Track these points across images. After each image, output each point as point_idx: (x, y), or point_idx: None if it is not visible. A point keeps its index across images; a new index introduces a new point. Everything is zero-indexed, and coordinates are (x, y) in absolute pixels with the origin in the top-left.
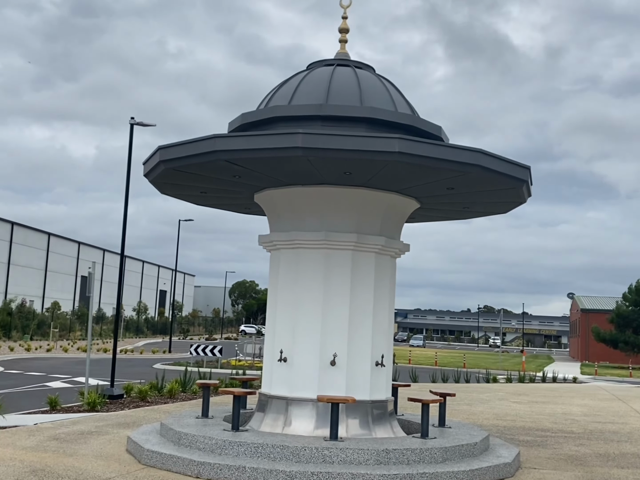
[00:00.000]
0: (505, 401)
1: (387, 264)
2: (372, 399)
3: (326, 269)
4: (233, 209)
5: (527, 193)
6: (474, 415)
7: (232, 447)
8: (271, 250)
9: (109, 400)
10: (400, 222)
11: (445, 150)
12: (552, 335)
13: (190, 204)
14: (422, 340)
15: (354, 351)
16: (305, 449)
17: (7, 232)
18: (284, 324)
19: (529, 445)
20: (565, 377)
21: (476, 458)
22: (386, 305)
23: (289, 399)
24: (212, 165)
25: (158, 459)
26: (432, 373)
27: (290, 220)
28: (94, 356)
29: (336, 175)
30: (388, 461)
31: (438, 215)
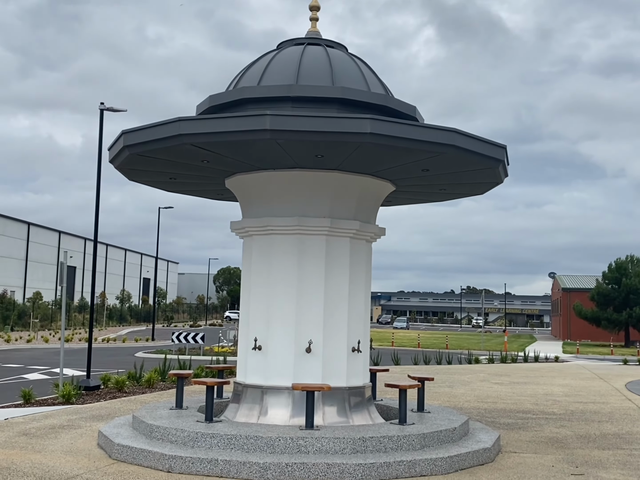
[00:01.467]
0: (487, 382)
1: (362, 249)
2: (349, 386)
3: (300, 255)
4: (205, 195)
5: (504, 173)
6: (455, 397)
7: (204, 440)
8: (244, 236)
9: (85, 392)
10: (375, 205)
11: (418, 130)
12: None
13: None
14: (405, 323)
15: (329, 337)
16: (280, 439)
17: None
18: (258, 312)
19: (509, 428)
20: (547, 357)
21: (455, 444)
22: (362, 289)
23: (264, 387)
24: (178, 150)
25: (129, 454)
26: (414, 355)
27: (262, 205)
28: (76, 346)
29: (308, 159)
30: (365, 449)
31: (415, 197)
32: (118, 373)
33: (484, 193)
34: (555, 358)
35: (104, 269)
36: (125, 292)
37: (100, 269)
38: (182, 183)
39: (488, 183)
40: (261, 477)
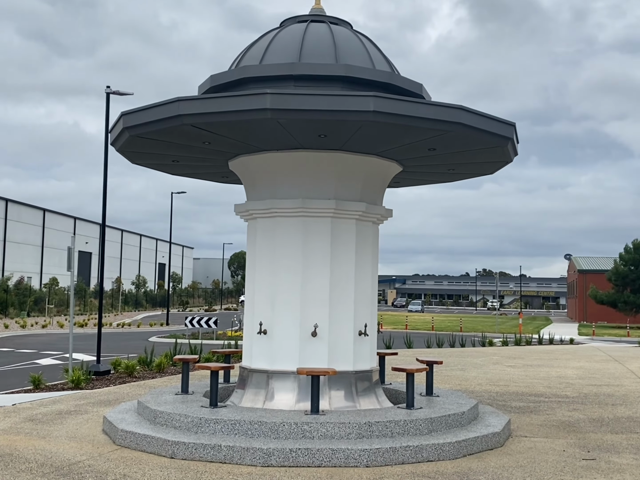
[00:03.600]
0: (500, 365)
1: (368, 231)
2: (356, 370)
3: (305, 238)
4: (209, 178)
5: (513, 152)
6: (467, 381)
7: (208, 425)
8: (248, 219)
9: (95, 377)
10: (381, 186)
11: (423, 107)
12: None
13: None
14: (420, 306)
15: (335, 321)
16: (284, 425)
17: (2, 209)
18: (263, 296)
19: (521, 411)
20: (562, 339)
21: (464, 428)
22: (369, 273)
23: (270, 372)
24: (179, 131)
25: (132, 440)
26: (427, 338)
27: (266, 187)
28: (90, 331)
29: (311, 139)
30: (371, 434)
31: (423, 178)
32: (128, 358)
33: (493, 173)
34: (570, 340)
35: (120, 254)
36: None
37: (116, 254)
38: (186, 166)
39: (497, 162)
40: (265, 463)
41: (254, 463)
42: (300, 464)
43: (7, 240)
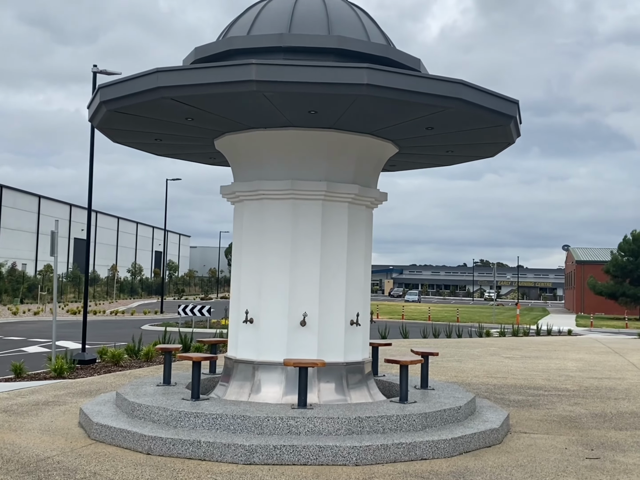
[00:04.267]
0: (497, 356)
1: (361, 215)
2: (347, 361)
3: (294, 221)
4: (196, 159)
5: (516, 132)
6: (464, 372)
7: (188, 419)
8: (235, 202)
9: (79, 366)
10: (376, 168)
11: (420, 81)
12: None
13: (197, 163)
14: (417, 296)
15: (326, 310)
16: (269, 419)
17: None
18: (250, 282)
19: (520, 405)
20: (560, 330)
21: (460, 424)
22: (361, 259)
23: (256, 363)
24: (158, 105)
25: (107, 434)
26: (423, 328)
27: (253, 168)
28: None
29: (301, 116)
30: (361, 430)
31: (420, 161)
32: (115, 346)
33: (494, 155)
34: (568, 332)
35: (116, 242)
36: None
37: (112, 242)
38: (170, 145)
39: (499, 143)
40: (247, 461)
41: (235, 460)
42: (284, 461)
43: (1, 227)
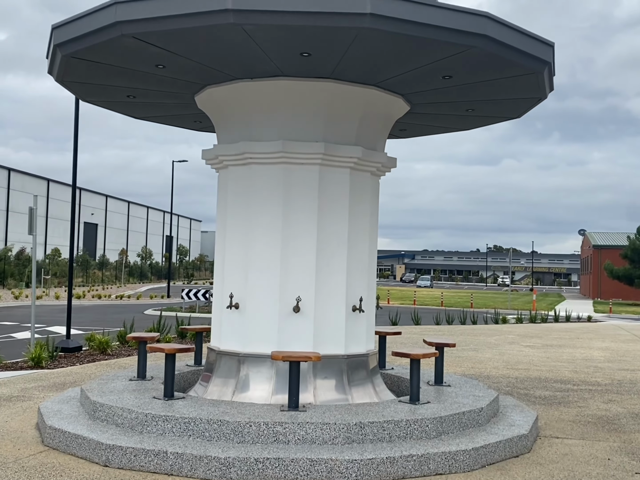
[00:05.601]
0: (516, 345)
1: (366, 184)
2: (348, 353)
3: (286, 191)
4: (179, 123)
5: (549, 84)
6: (481, 363)
7: (156, 424)
8: (219, 168)
9: (63, 354)
10: (383, 128)
11: (436, 12)
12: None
13: (182, 128)
14: (429, 281)
15: (323, 293)
16: (251, 425)
17: (4, 178)
18: (235, 262)
19: (547, 402)
20: (580, 316)
21: (482, 429)
22: (366, 235)
23: (242, 355)
24: (120, 47)
25: (61, 440)
26: (436, 314)
27: (239, 128)
28: (87, 303)
29: (292, 61)
30: (363, 439)
31: (435, 124)
32: (104, 332)
33: (520, 116)
34: (587, 318)
35: (126, 226)
36: (147, 250)
37: (122, 226)
38: (146, 105)
39: (527, 99)
40: (222, 476)
41: (208, 476)
42: (268, 477)
43: (10, 211)
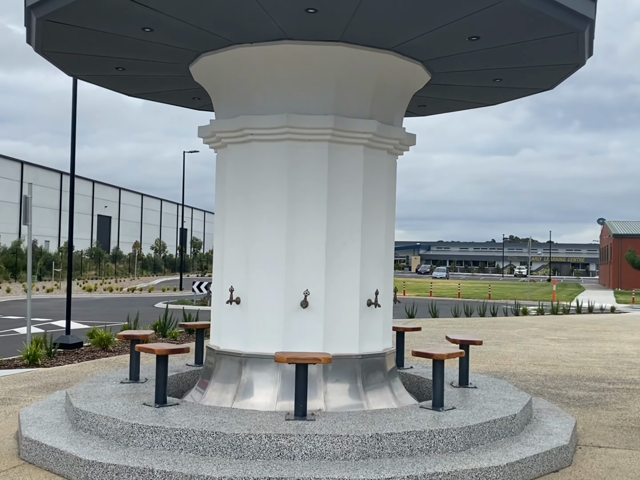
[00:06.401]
0: (541, 338)
1: (382, 163)
2: (363, 353)
3: (291, 171)
4: (176, 100)
5: (589, 48)
6: (505, 359)
7: (143, 435)
8: (217, 148)
9: (62, 351)
10: (401, 100)
11: None
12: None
13: (181, 107)
14: (445, 272)
15: (334, 286)
16: (251, 438)
17: (18, 171)
18: (235, 252)
19: (582, 404)
20: (602, 307)
21: (515, 439)
22: (382, 222)
23: (244, 355)
24: (101, 6)
25: (37, 453)
26: (454, 306)
27: (238, 100)
28: (98, 296)
29: (297, 21)
30: (380, 453)
31: (459, 97)
32: (106, 328)
33: (553, 87)
34: (611, 309)
35: (140, 219)
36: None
37: (136, 219)
38: (138, 80)
39: (563, 66)
40: None
41: None
42: None
43: None
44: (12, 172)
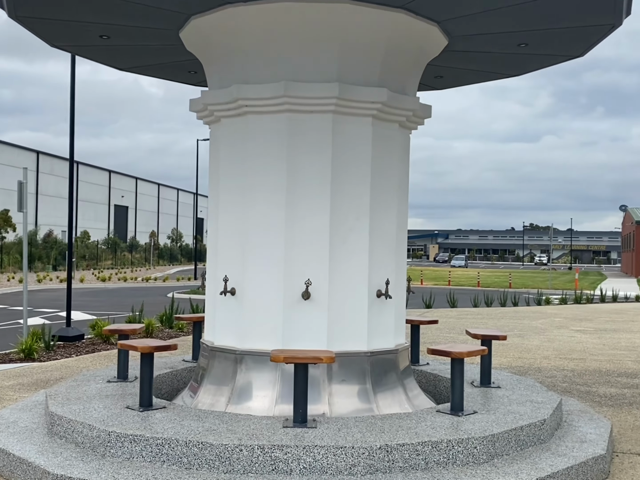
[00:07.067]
0: (566, 330)
1: (394, 138)
2: (372, 350)
3: (291, 147)
4: (171, 75)
5: (627, 6)
6: (529, 352)
7: (121, 445)
8: (211, 123)
9: (61, 344)
10: (415, 67)
11: None
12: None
13: (177, 82)
14: (463, 261)
15: (340, 275)
16: (242, 449)
17: (33, 161)
18: (229, 238)
19: (615, 403)
20: (627, 296)
21: (545, 447)
22: (393, 204)
23: (239, 352)
24: None
25: (5, 464)
26: (474, 295)
27: (231, 68)
28: (112, 286)
29: None
30: (391, 467)
31: (479, 67)
32: (108, 319)
33: (584, 53)
34: (636, 297)
35: (157, 208)
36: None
37: (153, 208)
38: (126, 50)
39: (597, 27)
40: None
41: None
42: None
43: (39, 194)
44: (28, 162)
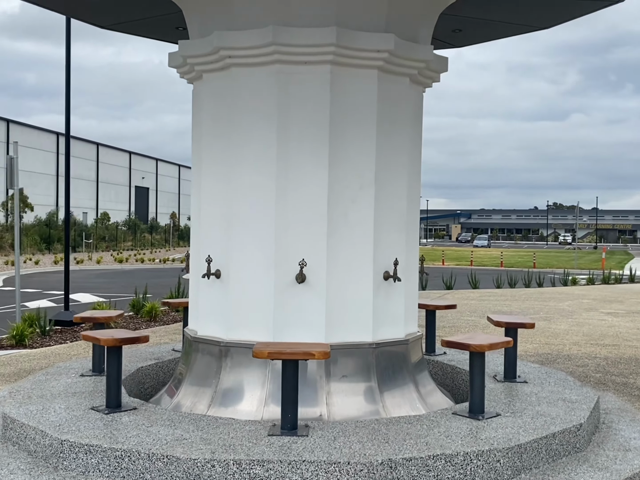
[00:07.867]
0: (595, 312)
1: (403, 94)
2: (378, 340)
3: (282, 105)
4: (158, 34)
5: None
6: (556, 337)
7: (75, 457)
8: (192, 80)
9: (59, 328)
10: (427, 10)
11: None
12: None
13: (165, 42)
14: (486, 240)
15: (340, 255)
16: (215, 466)
17: (54, 143)
18: (213, 213)
19: None
20: None
21: (582, 458)
22: (403, 172)
23: (224, 344)
24: None
25: None
26: (497, 276)
27: (212, 13)
28: (128, 267)
29: None
30: None
31: (502, 17)
32: (110, 303)
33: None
34: None
35: (178, 190)
36: None
37: (174, 189)
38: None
39: None
40: None
41: None
42: None
43: (60, 175)
44: (48, 144)
